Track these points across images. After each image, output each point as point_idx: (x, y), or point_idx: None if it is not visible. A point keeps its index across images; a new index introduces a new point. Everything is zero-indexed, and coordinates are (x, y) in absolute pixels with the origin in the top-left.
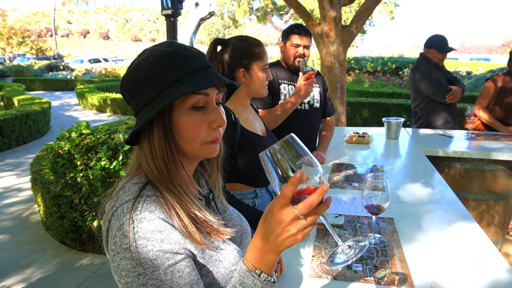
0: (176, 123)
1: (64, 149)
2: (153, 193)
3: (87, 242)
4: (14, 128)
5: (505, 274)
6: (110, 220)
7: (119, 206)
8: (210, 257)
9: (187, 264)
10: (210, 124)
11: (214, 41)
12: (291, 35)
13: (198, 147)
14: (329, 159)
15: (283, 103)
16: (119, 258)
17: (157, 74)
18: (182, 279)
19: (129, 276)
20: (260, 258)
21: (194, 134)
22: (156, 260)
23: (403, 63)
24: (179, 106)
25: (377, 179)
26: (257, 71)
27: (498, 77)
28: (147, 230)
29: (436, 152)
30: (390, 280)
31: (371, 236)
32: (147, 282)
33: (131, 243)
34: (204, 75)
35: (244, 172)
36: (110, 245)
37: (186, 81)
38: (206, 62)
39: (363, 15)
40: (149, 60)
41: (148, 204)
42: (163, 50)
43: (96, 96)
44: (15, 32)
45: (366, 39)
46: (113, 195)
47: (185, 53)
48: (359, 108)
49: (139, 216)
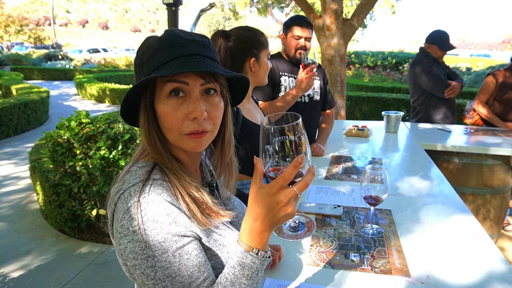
0: (156, 110)
1: (63, 137)
2: (159, 176)
3: (86, 231)
4: (13, 117)
5: (500, 265)
6: (117, 203)
7: (126, 189)
8: (215, 241)
9: (195, 247)
10: (188, 115)
11: (216, 33)
12: (292, 26)
13: (178, 137)
14: (328, 152)
15: (284, 95)
16: (127, 240)
17: (145, 60)
18: (190, 261)
19: (137, 259)
20: (255, 237)
21: (170, 123)
22: (164, 243)
23: (403, 58)
24: (159, 93)
25: (376, 171)
26: (264, 59)
27: (499, 72)
28: (155, 213)
29: (434, 146)
30: (387, 269)
31: (369, 226)
32: (155, 264)
33: (139, 225)
34: (182, 63)
35: (244, 162)
36: (117, 228)
37: (163, 68)
38: (193, 50)
39: (365, 9)
40: (143, 47)
41: (155, 187)
42: (155, 37)
43: (95, 86)
44: (13, 20)
45: (367, 34)
46: (119, 179)
47: (172, 41)
48: (358, 102)
49: (146, 199)
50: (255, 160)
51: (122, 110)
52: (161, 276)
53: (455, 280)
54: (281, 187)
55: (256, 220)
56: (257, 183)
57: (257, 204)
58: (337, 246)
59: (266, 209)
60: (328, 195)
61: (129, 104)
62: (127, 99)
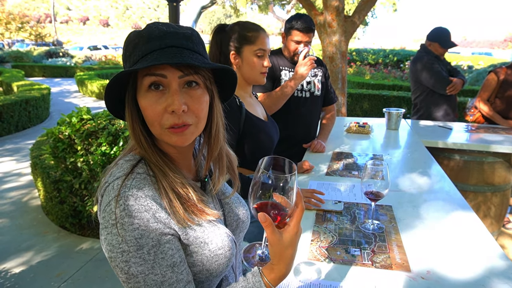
0: (139, 104)
1: (64, 134)
2: (144, 170)
3: (87, 227)
4: (14, 114)
5: (500, 262)
6: (103, 195)
7: (111, 182)
8: (195, 239)
9: (171, 246)
10: (166, 108)
11: (216, 27)
12: (293, 30)
13: (160, 131)
14: (329, 148)
15: (283, 86)
16: (106, 232)
17: (128, 55)
18: (164, 261)
19: (113, 251)
20: (282, 280)
21: (150, 116)
22: (141, 239)
23: (404, 56)
24: (139, 87)
25: (377, 167)
26: (249, 55)
27: (500, 69)
28: (134, 208)
29: (435, 144)
30: (388, 264)
31: (370, 222)
32: (130, 259)
33: (118, 220)
34: (158, 55)
35: (246, 157)
36: (100, 219)
37: (140, 62)
38: (170, 42)
39: (366, 6)
40: (126, 41)
41: (138, 182)
42: (136, 32)
43: (96, 83)
44: (13, 17)
45: (368, 31)
46: (107, 171)
47: (151, 34)
48: (359, 100)
49: (127, 193)
50: (262, 216)
51: (106, 104)
52: (134, 271)
53: (455, 276)
54: (298, 223)
55: (289, 263)
56: (275, 233)
57: (291, 248)
58: (338, 241)
59: (296, 247)
60: (329, 191)
61: (114, 98)
62: (109, 93)
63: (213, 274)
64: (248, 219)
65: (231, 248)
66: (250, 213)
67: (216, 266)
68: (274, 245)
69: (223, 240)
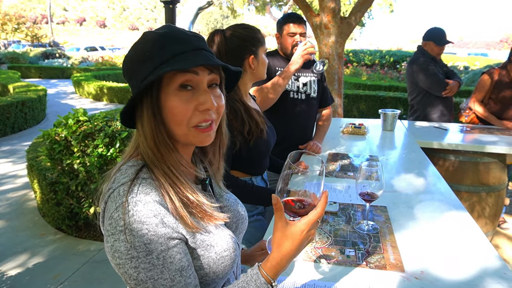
0: (164, 104)
1: (61, 135)
2: (149, 175)
3: (84, 229)
4: (10, 115)
5: (493, 261)
6: (107, 202)
7: (116, 188)
8: (202, 242)
9: (179, 250)
10: (198, 106)
11: (213, 32)
12: (286, 24)
13: (187, 131)
14: (325, 149)
15: (280, 73)
16: (113, 239)
17: (148, 56)
18: (173, 265)
19: (121, 258)
20: (279, 271)
21: (180, 116)
22: (150, 245)
23: (401, 57)
24: (166, 87)
25: (371, 168)
26: (262, 55)
27: (494, 70)
28: (142, 214)
29: (431, 144)
30: (382, 265)
31: (364, 223)
32: (139, 265)
33: (126, 225)
34: (192, 56)
35: (243, 160)
36: (106, 226)
37: (173, 62)
38: (199, 45)
39: (362, 7)
40: (143, 42)
41: (144, 187)
42: (157, 33)
43: (92, 85)
44: (9, 18)
45: (365, 32)
46: (110, 177)
47: (176, 36)
48: (356, 101)
49: (135, 199)
50: (274, 199)
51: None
52: (144, 277)
53: (449, 276)
54: (313, 223)
55: (286, 256)
56: (283, 219)
57: (291, 242)
58: (333, 242)
59: (298, 245)
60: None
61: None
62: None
63: (219, 276)
64: (246, 220)
65: (235, 250)
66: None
67: (222, 268)
68: (277, 231)
69: (228, 242)
